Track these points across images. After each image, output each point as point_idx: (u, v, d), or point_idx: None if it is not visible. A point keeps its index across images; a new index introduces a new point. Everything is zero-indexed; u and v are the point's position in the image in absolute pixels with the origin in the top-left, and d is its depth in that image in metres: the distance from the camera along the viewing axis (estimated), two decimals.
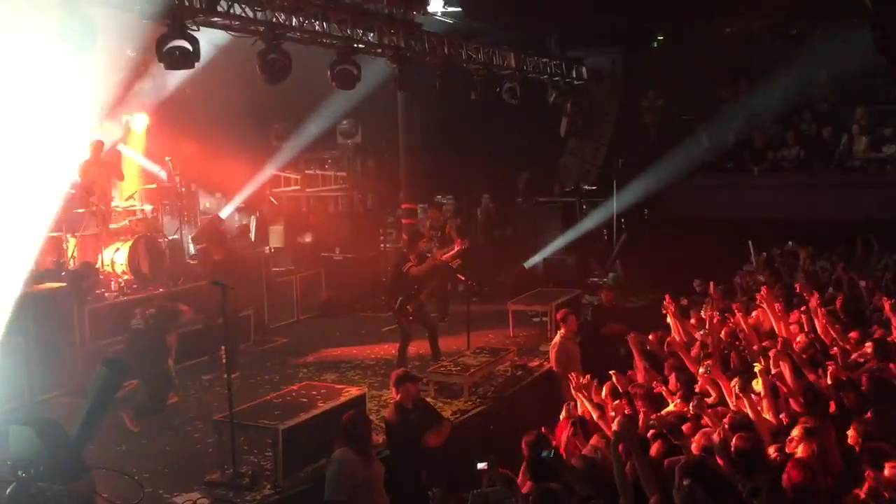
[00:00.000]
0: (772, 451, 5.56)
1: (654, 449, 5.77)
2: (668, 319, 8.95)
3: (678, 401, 7.01)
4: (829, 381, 6.75)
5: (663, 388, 7.38)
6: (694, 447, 5.61)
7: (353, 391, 8.55)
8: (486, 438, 8.73)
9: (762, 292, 8.95)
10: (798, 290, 9.64)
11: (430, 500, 5.48)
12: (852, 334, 8.32)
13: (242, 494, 7.26)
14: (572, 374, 7.55)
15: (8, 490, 5.18)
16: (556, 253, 16.60)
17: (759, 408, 6.20)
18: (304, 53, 11.18)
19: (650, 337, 9.05)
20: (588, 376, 7.18)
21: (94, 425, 5.98)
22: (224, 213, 15.04)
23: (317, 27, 10.73)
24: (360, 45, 11.49)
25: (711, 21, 15.88)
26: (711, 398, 6.78)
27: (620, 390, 7.22)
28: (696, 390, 7.08)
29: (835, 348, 7.90)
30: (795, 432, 5.56)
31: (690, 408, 6.25)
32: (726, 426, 5.67)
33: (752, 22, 15.67)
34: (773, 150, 16.96)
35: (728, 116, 17.86)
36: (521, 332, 12.78)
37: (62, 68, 10.28)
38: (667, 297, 9.07)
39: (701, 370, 7.10)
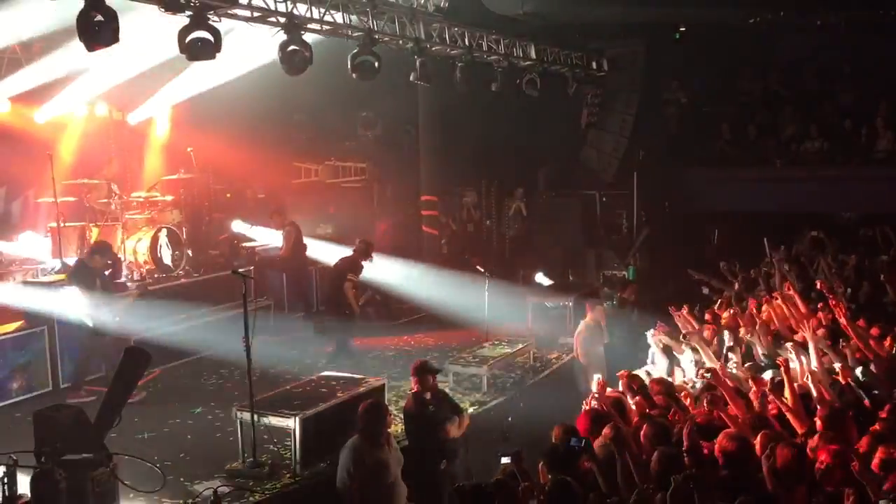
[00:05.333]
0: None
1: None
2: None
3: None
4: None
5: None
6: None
7: (373, 381, 8.60)
8: (504, 430, 8.73)
9: (786, 288, 8.89)
10: (819, 287, 9.56)
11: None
12: (874, 330, 8.22)
13: (262, 483, 7.33)
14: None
15: (31, 476, 5.26)
16: (575, 245, 16.56)
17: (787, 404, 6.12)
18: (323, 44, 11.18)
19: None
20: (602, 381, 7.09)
21: (116, 412, 6.07)
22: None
23: (337, 18, 10.72)
24: (381, 37, 11.46)
25: (734, 11, 15.69)
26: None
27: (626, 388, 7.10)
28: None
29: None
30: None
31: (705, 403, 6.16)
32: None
33: (775, 13, 15.50)
34: (796, 142, 16.80)
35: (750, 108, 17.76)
36: (539, 324, 12.77)
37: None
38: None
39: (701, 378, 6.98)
